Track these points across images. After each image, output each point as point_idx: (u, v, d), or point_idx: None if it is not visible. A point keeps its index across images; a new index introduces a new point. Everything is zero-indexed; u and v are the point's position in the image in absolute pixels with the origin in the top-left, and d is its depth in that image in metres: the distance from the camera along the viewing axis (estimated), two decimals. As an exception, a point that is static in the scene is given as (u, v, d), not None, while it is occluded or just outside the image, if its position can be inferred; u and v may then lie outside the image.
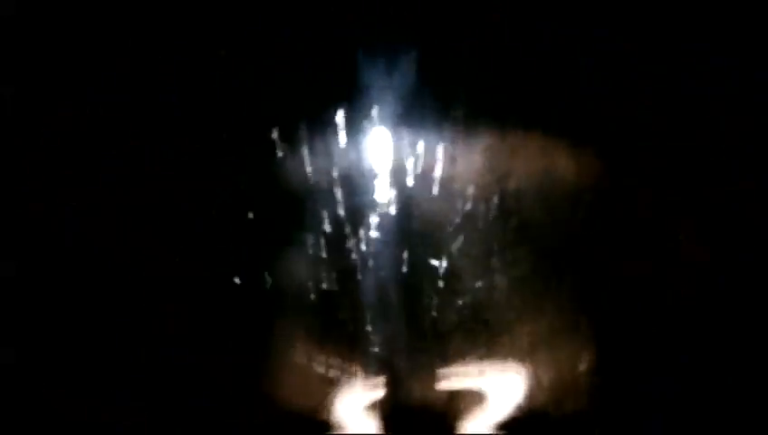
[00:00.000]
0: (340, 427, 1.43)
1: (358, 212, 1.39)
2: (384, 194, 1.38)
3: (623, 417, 1.42)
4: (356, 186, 1.37)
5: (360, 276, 1.42)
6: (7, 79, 1.31)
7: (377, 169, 1.37)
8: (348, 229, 1.39)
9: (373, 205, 1.39)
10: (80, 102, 1.31)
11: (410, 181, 1.38)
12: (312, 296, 1.42)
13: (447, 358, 1.45)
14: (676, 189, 1.37)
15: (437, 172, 1.36)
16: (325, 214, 1.38)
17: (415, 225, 1.40)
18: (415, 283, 1.42)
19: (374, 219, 1.39)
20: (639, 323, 1.40)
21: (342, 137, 1.34)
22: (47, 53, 1.30)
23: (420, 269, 1.42)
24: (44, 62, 1.30)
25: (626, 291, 1.40)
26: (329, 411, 1.43)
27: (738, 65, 1.30)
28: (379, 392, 1.44)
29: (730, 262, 1.37)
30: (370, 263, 1.41)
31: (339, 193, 1.37)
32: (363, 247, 1.40)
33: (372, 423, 1.44)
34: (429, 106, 1.33)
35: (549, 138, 1.33)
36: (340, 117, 1.32)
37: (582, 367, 1.42)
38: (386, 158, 1.37)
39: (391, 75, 1.31)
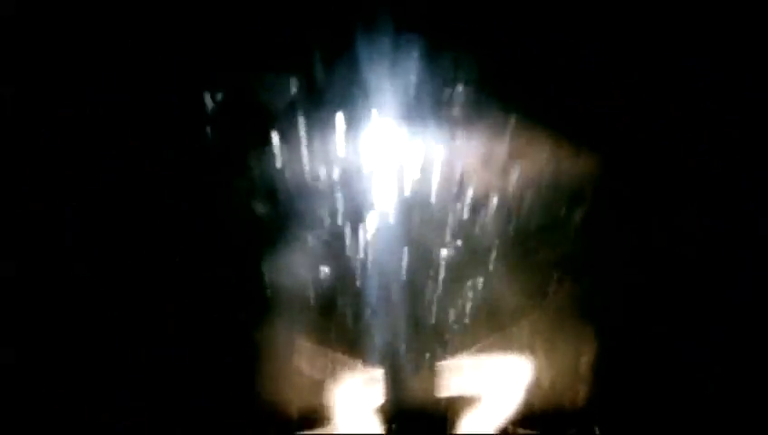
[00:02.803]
0: (340, 426, 1.43)
1: (358, 211, 1.39)
2: (384, 192, 1.39)
3: (623, 414, 1.43)
4: (356, 184, 1.38)
5: (360, 275, 1.42)
6: (7, 79, 1.31)
7: (377, 168, 1.38)
8: (348, 228, 1.39)
9: (373, 203, 1.39)
10: (80, 102, 1.31)
11: (411, 179, 1.38)
12: (313, 296, 1.42)
13: (448, 356, 1.45)
14: (675, 189, 1.38)
15: (437, 170, 1.37)
16: (325, 212, 1.38)
17: (415, 223, 1.40)
18: (415, 281, 1.43)
19: (374, 218, 1.39)
20: (639, 321, 1.40)
21: (343, 135, 1.34)
22: (47, 53, 1.30)
23: (421, 267, 1.42)
24: (44, 62, 1.30)
25: (626, 289, 1.41)
26: (329, 411, 1.43)
27: (738, 66, 1.31)
28: (380, 391, 1.44)
29: (729, 261, 1.39)
30: (370, 262, 1.42)
31: (339, 192, 1.37)
32: (363, 246, 1.41)
33: (372, 422, 1.44)
34: (431, 103, 1.34)
35: (550, 136, 1.34)
36: (340, 115, 1.33)
37: (583, 365, 1.43)
38: (386, 156, 1.37)
39: (393, 73, 1.32)
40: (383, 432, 1.44)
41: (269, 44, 1.31)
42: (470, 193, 1.38)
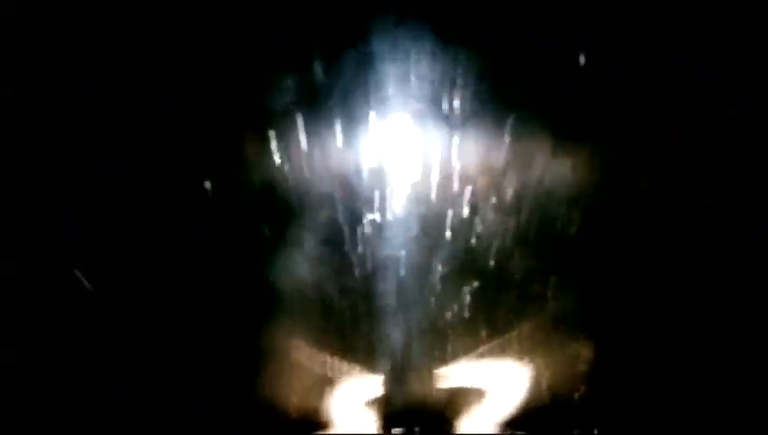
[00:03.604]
0: (340, 426, 1.43)
1: (359, 211, 1.39)
2: (385, 193, 1.39)
3: (623, 415, 1.43)
4: (357, 184, 1.38)
5: (360, 276, 1.42)
6: (7, 79, 1.31)
7: (376, 170, 1.38)
8: (348, 229, 1.40)
9: (374, 204, 1.39)
10: (80, 102, 1.31)
11: (412, 180, 1.38)
12: (313, 296, 1.42)
13: (447, 356, 1.46)
14: (674, 190, 1.38)
15: (439, 171, 1.37)
16: (326, 213, 1.38)
17: (416, 224, 1.40)
18: (416, 282, 1.43)
19: (374, 219, 1.40)
20: (639, 321, 1.40)
21: (344, 135, 1.34)
22: (47, 53, 1.30)
23: (421, 268, 1.42)
24: (44, 62, 1.30)
25: (625, 289, 1.41)
26: (329, 410, 1.43)
27: (738, 69, 1.31)
28: (380, 391, 1.45)
29: (729, 261, 1.39)
30: (371, 263, 1.42)
31: (339, 193, 1.37)
32: (364, 247, 1.41)
33: (372, 422, 1.44)
34: (434, 102, 1.34)
35: (553, 137, 1.34)
36: (341, 115, 1.33)
37: (582, 366, 1.43)
38: (386, 158, 1.37)
39: (395, 72, 1.32)
40: (383, 433, 1.44)
41: (269, 44, 1.30)
42: (472, 194, 1.38)
